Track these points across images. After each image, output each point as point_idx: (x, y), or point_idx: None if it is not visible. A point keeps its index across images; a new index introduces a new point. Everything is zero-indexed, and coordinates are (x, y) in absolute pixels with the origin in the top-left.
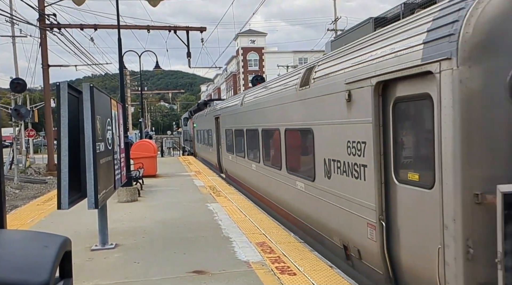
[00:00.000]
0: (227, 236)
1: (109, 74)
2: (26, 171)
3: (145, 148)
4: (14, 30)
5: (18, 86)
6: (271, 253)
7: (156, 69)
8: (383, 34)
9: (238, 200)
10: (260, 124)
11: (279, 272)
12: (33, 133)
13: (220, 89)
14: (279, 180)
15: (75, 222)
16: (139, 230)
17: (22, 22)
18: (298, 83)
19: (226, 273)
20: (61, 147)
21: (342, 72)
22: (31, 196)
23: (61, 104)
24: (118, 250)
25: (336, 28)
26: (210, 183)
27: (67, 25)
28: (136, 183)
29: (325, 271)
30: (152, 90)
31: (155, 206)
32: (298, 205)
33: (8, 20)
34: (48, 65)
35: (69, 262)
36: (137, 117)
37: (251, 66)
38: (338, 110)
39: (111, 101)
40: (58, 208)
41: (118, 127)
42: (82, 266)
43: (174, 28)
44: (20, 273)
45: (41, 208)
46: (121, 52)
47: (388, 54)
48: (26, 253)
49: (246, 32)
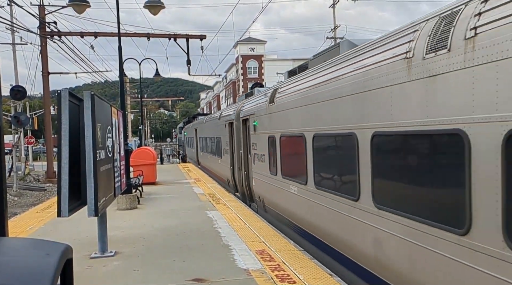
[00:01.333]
0: (226, 243)
1: (109, 82)
2: (25, 178)
3: (144, 155)
4: (14, 37)
5: (18, 94)
6: (271, 261)
7: (156, 77)
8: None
9: (238, 207)
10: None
11: (279, 280)
12: (32, 140)
13: (220, 97)
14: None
15: (75, 230)
16: (139, 238)
17: (23, 30)
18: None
19: (225, 281)
20: (61, 154)
21: (225, 115)
22: (30, 203)
23: (62, 111)
24: (117, 257)
25: (336, 36)
26: (210, 190)
27: (67, 32)
28: (136, 190)
29: (325, 279)
30: (151, 98)
31: (155, 214)
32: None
33: (9, 27)
34: (48, 73)
35: (70, 270)
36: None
37: (251, 73)
38: (225, 130)
39: (111, 109)
40: (58, 216)
41: (118, 135)
42: (82, 274)
43: (174, 36)
44: (21, 281)
45: (40, 215)
46: (122, 60)
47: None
48: (27, 261)
49: (245, 40)
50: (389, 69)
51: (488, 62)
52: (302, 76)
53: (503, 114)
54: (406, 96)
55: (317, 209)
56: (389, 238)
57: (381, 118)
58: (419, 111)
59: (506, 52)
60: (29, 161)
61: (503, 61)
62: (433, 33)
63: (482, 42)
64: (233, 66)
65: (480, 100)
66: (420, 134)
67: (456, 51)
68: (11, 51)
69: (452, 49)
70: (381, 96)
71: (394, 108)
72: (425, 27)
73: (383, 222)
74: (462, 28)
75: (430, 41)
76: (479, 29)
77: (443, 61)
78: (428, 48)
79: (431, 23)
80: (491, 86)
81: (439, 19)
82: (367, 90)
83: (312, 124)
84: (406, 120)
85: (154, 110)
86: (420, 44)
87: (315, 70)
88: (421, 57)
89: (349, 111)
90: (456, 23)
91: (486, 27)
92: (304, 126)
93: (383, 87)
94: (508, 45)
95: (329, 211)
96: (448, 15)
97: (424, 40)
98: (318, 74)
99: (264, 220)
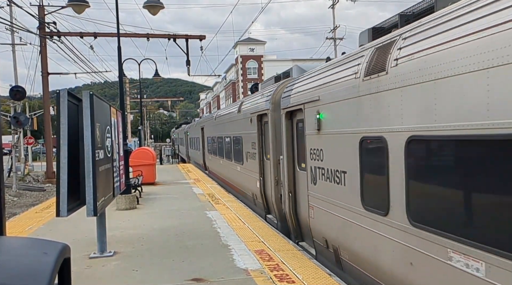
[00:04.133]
0: (225, 243)
1: (109, 82)
2: (25, 179)
3: (144, 155)
4: (14, 38)
5: (17, 94)
6: (270, 261)
7: (156, 77)
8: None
9: (237, 207)
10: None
11: (278, 280)
12: (32, 141)
13: (219, 97)
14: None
15: (74, 230)
16: (138, 238)
17: (22, 30)
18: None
19: (224, 280)
20: (60, 154)
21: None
22: (29, 203)
23: (61, 111)
24: (116, 257)
25: (335, 36)
26: (209, 191)
27: (67, 33)
28: (135, 190)
29: (324, 279)
30: (151, 98)
31: (154, 214)
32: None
33: (8, 28)
34: (48, 73)
35: (68, 269)
36: (136, 125)
37: (250, 74)
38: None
39: (110, 109)
40: (57, 215)
41: (117, 135)
42: (81, 274)
43: (174, 36)
44: (19, 280)
45: (39, 215)
46: (121, 60)
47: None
48: (25, 260)
49: (245, 41)
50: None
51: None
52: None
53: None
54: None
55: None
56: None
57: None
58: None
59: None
60: (29, 161)
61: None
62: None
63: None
64: (233, 67)
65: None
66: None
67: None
68: (10, 52)
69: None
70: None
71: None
72: (238, 104)
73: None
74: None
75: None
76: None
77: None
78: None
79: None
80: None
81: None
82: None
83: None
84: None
85: (154, 110)
86: (237, 109)
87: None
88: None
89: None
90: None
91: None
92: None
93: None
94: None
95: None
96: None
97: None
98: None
99: (263, 220)
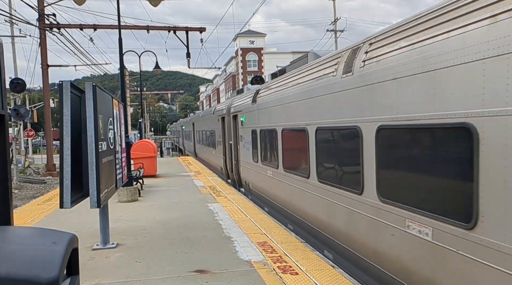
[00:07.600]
0: (228, 235)
1: (109, 75)
2: (25, 171)
3: (145, 148)
4: (13, 30)
5: (17, 86)
6: (273, 253)
7: (156, 70)
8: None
9: (239, 200)
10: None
11: (281, 271)
12: (32, 133)
13: (219, 90)
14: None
15: (76, 222)
16: (140, 230)
17: (22, 22)
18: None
19: (228, 272)
20: (63, 146)
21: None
22: (30, 196)
23: (63, 103)
24: (119, 249)
25: (336, 29)
26: (210, 183)
27: (66, 25)
28: (137, 183)
29: (327, 270)
30: (151, 91)
31: (156, 206)
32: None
33: (8, 20)
34: (48, 65)
35: (76, 259)
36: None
37: (250, 67)
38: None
39: (113, 101)
40: (61, 207)
41: (119, 127)
42: (84, 266)
43: (174, 28)
44: (29, 269)
45: (41, 207)
46: (122, 53)
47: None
48: (35, 249)
49: (245, 33)
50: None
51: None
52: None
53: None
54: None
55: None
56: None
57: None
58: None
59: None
60: (29, 154)
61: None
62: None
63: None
64: (233, 59)
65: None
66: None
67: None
68: (10, 44)
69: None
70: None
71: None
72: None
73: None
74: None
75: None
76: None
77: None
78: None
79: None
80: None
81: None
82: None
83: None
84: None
85: (154, 103)
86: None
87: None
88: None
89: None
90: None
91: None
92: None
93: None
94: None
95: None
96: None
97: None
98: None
99: (265, 212)
